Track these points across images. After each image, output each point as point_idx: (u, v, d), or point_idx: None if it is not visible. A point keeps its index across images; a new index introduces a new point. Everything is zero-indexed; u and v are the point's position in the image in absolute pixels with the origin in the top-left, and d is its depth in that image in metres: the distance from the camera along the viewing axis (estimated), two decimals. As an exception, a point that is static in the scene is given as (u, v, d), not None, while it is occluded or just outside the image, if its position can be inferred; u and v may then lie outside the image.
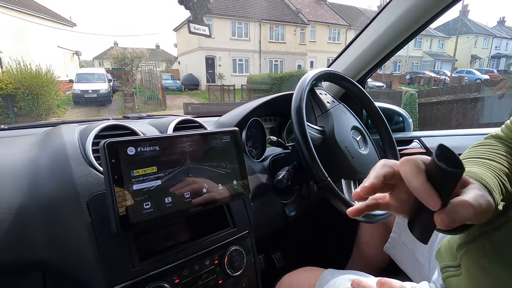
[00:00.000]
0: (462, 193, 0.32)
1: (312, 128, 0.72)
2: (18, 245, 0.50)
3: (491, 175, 0.42)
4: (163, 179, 0.53)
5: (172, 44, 32.87)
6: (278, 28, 20.24)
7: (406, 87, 15.43)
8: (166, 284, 0.54)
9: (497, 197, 0.38)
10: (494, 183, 0.40)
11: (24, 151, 0.63)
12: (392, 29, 0.94)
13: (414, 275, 0.78)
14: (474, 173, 0.40)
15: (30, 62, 9.34)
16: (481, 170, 0.43)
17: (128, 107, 10.65)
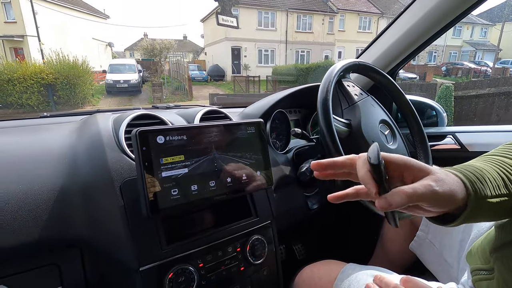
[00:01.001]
0: (414, 181, 0.37)
1: (338, 120, 0.71)
2: (61, 222, 0.55)
3: (493, 169, 0.40)
4: (190, 168, 0.55)
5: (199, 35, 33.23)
6: (306, 17, 19.71)
7: (441, 79, 14.50)
8: (191, 267, 0.57)
9: (481, 187, 0.38)
10: (490, 176, 0.39)
11: (64, 137, 0.68)
12: (429, 17, 0.89)
13: (441, 276, 0.75)
14: (468, 165, 0.42)
15: (68, 53, 9.91)
16: (482, 164, 0.42)
17: (157, 97, 11.01)
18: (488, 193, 0.38)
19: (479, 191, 0.37)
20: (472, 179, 0.38)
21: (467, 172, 0.39)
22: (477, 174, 0.39)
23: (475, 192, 0.37)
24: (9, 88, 8.64)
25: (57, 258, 0.58)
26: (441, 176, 0.37)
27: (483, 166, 0.41)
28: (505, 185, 0.39)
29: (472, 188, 0.37)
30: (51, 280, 0.57)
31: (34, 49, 13.04)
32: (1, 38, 12.91)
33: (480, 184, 0.38)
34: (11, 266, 0.54)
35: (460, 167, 0.41)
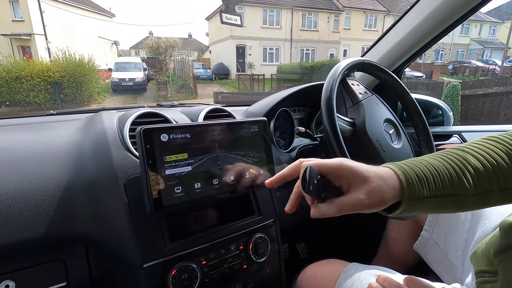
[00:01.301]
0: (350, 190, 0.39)
1: (342, 119, 0.71)
2: (67, 218, 0.56)
3: (445, 168, 0.40)
4: (193, 166, 0.55)
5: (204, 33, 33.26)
6: (311, 15, 19.59)
7: (448, 77, 14.34)
8: (194, 265, 0.58)
9: (418, 189, 0.38)
10: (437, 177, 0.39)
11: (70, 135, 0.69)
12: (436, 15, 0.88)
13: (445, 276, 0.75)
14: (417, 162, 0.42)
15: (74, 51, 10.01)
16: (435, 161, 0.42)
17: (161, 95, 11.07)
18: (425, 193, 0.38)
19: (415, 193, 0.38)
20: (411, 180, 0.39)
21: (407, 169, 0.40)
22: (421, 175, 0.39)
23: (410, 194, 0.38)
24: (17, 86, 8.76)
25: (62, 254, 0.59)
26: (376, 186, 0.38)
27: (435, 163, 0.41)
28: (452, 185, 0.39)
29: (408, 191, 0.38)
30: (56, 276, 0.58)
31: (41, 48, 13.19)
32: (9, 37, 13.08)
33: (419, 186, 0.39)
34: (18, 262, 0.55)
35: (408, 164, 0.41)
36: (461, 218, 0.70)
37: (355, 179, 0.39)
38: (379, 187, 0.38)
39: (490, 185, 0.40)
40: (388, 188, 0.38)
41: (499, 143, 0.42)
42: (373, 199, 0.38)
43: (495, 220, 0.62)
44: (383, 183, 0.38)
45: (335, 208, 0.38)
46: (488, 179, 0.40)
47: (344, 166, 0.40)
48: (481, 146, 0.43)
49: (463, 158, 0.41)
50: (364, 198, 0.38)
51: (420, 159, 0.43)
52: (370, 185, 0.38)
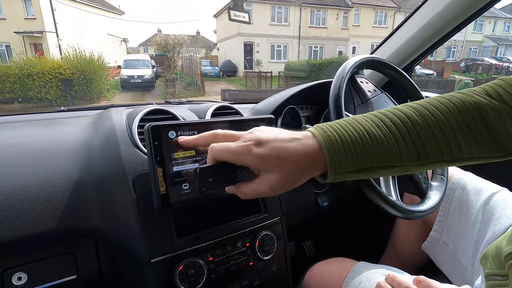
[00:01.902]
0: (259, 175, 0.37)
1: (350, 117, 0.70)
2: (77, 214, 0.57)
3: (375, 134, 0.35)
4: (201, 163, 0.56)
5: (212, 30, 33.33)
6: (320, 12, 19.40)
7: (460, 75, 14.03)
8: (200, 261, 0.58)
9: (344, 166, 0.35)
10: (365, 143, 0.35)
11: (80, 131, 0.70)
12: (448, 11, 0.86)
13: (454, 277, 0.74)
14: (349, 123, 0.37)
15: (84, 49, 10.15)
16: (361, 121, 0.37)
17: (169, 92, 11.15)
18: (354, 168, 0.35)
19: (340, 169, 0.35)
20: (337, 156, 0.34)
21: (335, 149, 0.35)
22: (349, 148, 0.34)
23: (335, 170, 0.35)
24: (29, 83, 8.95)
25: (72, 247, 0.60)
26: (285, 176, 0.35)
27: (370, 129, 0.36)
28: (389, 156, 0.35)
29: (332, 169, 0.34)
30: (67, 269, 0.59)
31: (53, 45, 13.44)
32: (22, 34, 13.35)
33: (346, 163, 0.34)
34: (30, 254, 0.56)
35: (338, 131, 0.36)
36: (471, 219, 0.69)
37: (264, 167, 0.36)
38: (292, 174, 0.35)
39: (439, 153, 0.35)
40: (305, 171, 0.35)
41: (455, 102, 0.37)
42: (279, 189, 0.36)
43: (506, 222, 0.61)
44: (297, 168, 0.35)
45: (240, 193, 0.39)
46: (436, 144, 0.35)
47: (251, 154, 0.35)
48: (431, 101, 0.38)
49: (406, 115, 0.36)
50: (267, 189, 0.36)
51: (355, 122, 0.37)
52: (281, 173, 0.35)
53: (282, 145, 0.35)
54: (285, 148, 0.35)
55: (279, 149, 0.35)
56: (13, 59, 10.16)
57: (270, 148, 0.35)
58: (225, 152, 0.37)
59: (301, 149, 0.35)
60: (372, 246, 1.13)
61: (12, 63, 9.70)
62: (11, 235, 0.52)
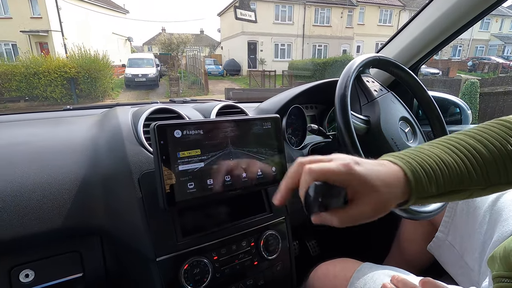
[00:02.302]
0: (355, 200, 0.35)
1: (356, 117, 0.69)
2: (83, 212, 0.58)
3: (453, 161, 0.37)
4: (206, 162, 0.56)
5: (215, 29, 33.38)
6: (324, 10, 19.29)
7: (466, 74, 13.87)
8: (205, 260, 0.58)
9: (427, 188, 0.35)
10: (446, 173, 0.36)
11: (86, 130, 0.71)
12: (455, 10, 0.85)
13: (461, 279, 0.73)
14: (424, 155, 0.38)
15: (89, 47, 10.21)
16: (439, 152, 0.38)
17: (173, 91, 11.18)
18: (433, 191, 0.36)
19: (423, 192, 0.35)
20: (420, 180, 0.35)
21: (418, 172, 0.36)
22: (429, 172, 0.36)
23: (418, 194, 0.35)
24: (35, 81, 9.03)
25: (79, 245, 0.60)
26: (383, 197, 0.34)
27: (443, 155, 0.37)
28: (460, 178, 0.36)
29: (416, 192, 0.35)
30: (73, 267, 0.60)
31: (58, 44, 13.54)
32: (28, 33, 13.46)
33: (427, 185, 0.35)
34: (37, 252, 0.56)
35: (415, 159, 0.37)
36: (478, 220, 0.68)
37: (363, 189, 0.35)
38: (386, 198, 0.35)
39: (498, 177, 0.37)
40: (395, 195, 0.35)
41: (506, 127, 0.39)
42: (378, 210, 0.35)
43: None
44: (390, 191, 0.35)
45: (337, 221, 0.36)
46: (496, 170, 0.37)
47: (353, 172, 0.34)
48: (487, 130, 0.39)
49: (470, 145, 0.38)
50: (369, 211, 0.35)
51: (426, 150, 0.39)
52: (378, 197, 0.34)
53: (375, 167, 0.36)
54: (379, 170, 0.35)
55: (375, 171, 0.35)
56: (19, 58, 10.25)
57: (368, 168, 0.35)
58: (327, 172, 0.35)
59: (391, 173, 0.36)
60: (377, 246, 1.13)
61: (18, 61, 9.79)
62: (18, 233, 0.52)
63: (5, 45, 13.96)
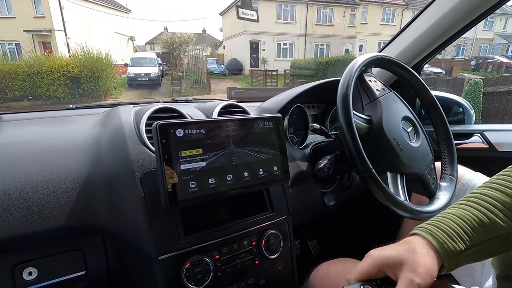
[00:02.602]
0: None
1: (358, 117, 0.69)
2: (86, 210, 0.58)
3: (472, 214, 0.40)
4: (208, 161, 0.56)
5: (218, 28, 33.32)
6: (326, 9, 19.23)
7: (469, 73, 13.79)
8: (207, 259, 0.58)
9: (452, 246, 0.37)
10: (466, 226, 0.39)
11: (89, 129, 0.71)
12: (459, 9, 0.84)
13: (463, 279, 0.73)
14: (442, 218, 0.41)
15: (92, 47, 10.24)
16: (458, 211, 0.41)
17: (176, 90, 11.19)
18: (461, 247, 0.37)
19: (450, 249, 0.37)
20: (441, 238, 0.38)
21: (435, 231, 0.39)
22: (448, 230, 0.38)
23: (446, 252, 0.37)
24: (38, 81, 9.08)
25: (81, 244, 0.61)
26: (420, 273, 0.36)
27: (459, 213, 0.40)
28: (485, 229, 0.38)
29: (442, 248, 0.37)
30: (76, 265, 0.60)
31: (61, 43, 13.58)
32: (31, 33, 13.53)
33: (451, 242, 0.37)
34: (40, 250, 0.57)
35: (430, 224, 0.40)
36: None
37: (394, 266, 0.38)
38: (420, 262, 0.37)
39: None
40: (430, 262, 0.37)
41: None
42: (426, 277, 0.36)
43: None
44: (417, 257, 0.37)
45: None
46: None
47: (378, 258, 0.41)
48: (507, 177, 0.42)
49: (490, 197, 0.40)
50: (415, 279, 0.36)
51: (445, 213, 0.42)
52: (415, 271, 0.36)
53: None
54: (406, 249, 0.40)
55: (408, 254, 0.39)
56: (22, 57, 10.31)
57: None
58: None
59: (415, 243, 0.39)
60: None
61: (21, 61, 9.85)
62: (21, 231, 0.53)
63: (9, 45, 14.04)
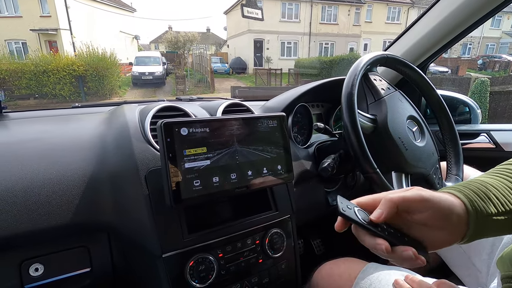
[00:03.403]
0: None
1: (363, 116, 0.69)
2: (91, 208, 0.58)
3: (502, 183, 0.39)
4: (212, 160, 0.56)
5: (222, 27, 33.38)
6: (331, 8, 19.12)
7: (476, 73, 13.62)
8: (211, 257, 0.59)
9: (482, 205, 0.36)
10: (497, 192, 0.38)
11: (94, 127, 0.72)
12: (466, 7, 0.83)
13: (468, 280, 0.72)
14: (471, 181, 0.40)
15: (97, 46, 10.32)
16: (489, 179, 0.40)
17: (180, 89, 11.22)
18: (492, 210, 0.36)
19: (480, 209, 0.36)
20: (471, 197, 0.37)
21: (466, 190, 0.38)
22: (479, 191, 0.37)
23: (476, 211, 0.36)
24: (44, 79, 9.17)
25: (87, 241, 0.61)
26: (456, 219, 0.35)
27: (490, 180, 0.39)
28: None
29: (472, 207, 0.36)
30: (81, 261, 0.61)
31: (67, 42, 13.71)
32: (37, 32, 13.65)
33: (482, 202, 0.36)
34: (46, 247, 0.58)
35: (460, 185, 0.39)
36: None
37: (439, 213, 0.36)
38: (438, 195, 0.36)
39: None
40: (448, 200, 0.37)
41: None
42: (432, 194, 0.36)
43: (525, 224, 0.59)
44: (441, 195, 0.37)
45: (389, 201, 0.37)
46: None
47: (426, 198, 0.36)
48: None
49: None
50: (421, 192, 0.36)
51: (473, 180, 0.41)
52: (453, 219, 0.36)
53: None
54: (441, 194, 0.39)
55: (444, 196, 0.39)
56: (29, 56, 10.43)
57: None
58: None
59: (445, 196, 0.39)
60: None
61: (28, 60, 9.96)
62: (28, 227, 0.53)
63: (16, 44, 14.18)
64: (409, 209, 0.37)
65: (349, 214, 0.37)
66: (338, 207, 0.37)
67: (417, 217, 0.37)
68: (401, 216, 0.38)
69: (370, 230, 0.36)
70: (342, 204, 0.37)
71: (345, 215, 0.36)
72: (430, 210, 0.36)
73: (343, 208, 0.37)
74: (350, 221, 0.37)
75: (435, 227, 0.36)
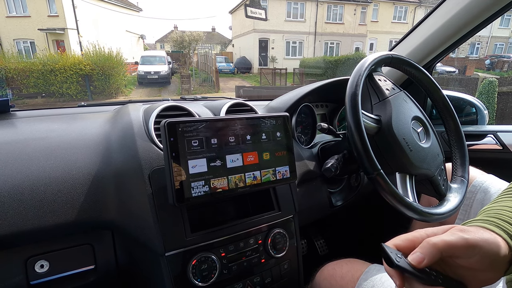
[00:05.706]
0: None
1: (367, 116, 0.68)
2: (96, 206, 0.59)
3: None
4: (215, 159, 0.56)
5: (227, 26, 33.42)
6: (337, 7, 19.01)
7: (484, 73, 13.41)
8: (213, 256, 0.59)
9: None
10: None
11: (99, 126, 0.72)
12: (473, 6, 0.82)
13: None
14: (501, 210, 0.39)
15: (103, 45, 10.41)
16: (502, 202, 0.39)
17: (185, 88, 11.27)
18: None
19: None
20: (511, 232, 0.36)
21: (503, 224, 0.37)
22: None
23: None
24: (51, 78, 9.29)
25: (91, 239, 0.62)
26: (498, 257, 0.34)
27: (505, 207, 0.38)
28: None
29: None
30: (86, 259, 0.62)
31: (74, 42, 13.86)
32: (45, 31, 13.83)
33: None
34: (51, 244, 0.58)
35: (493, 217, 0.38)
36: (493, 224, 0.66)
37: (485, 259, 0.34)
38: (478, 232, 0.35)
39: None
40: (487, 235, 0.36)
41: None
42: (475, 234, 0.35)
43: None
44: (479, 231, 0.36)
45: (431, 246, 0.34)
46: None
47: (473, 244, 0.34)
48: None
49: None
50: (462, 233, 0.35)
51: (496, 206, 0.40)
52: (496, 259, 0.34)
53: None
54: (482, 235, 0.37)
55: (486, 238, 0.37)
56: (36, 55, 10.57)
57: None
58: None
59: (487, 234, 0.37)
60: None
61: (36, 59, 10.09)
62: (34, 225, 0.54)
63: (24, 43, 14.38)
64: (454, 254, 0.35)
65: (403, 265, 0.33)
66: (391, 259, 0.33)
67: (463, 263, 0.35)
68: (444, 260, 0.36)
69: (423, 279, 0.33)
70: (392, 254, 0.33)
71: (401, 267, 0.33)
72: (477, 256, 0.34)
73: (397, 259, 0.33)
74: (406, 273, 0.33)
75: (481, 270, 0.35)
